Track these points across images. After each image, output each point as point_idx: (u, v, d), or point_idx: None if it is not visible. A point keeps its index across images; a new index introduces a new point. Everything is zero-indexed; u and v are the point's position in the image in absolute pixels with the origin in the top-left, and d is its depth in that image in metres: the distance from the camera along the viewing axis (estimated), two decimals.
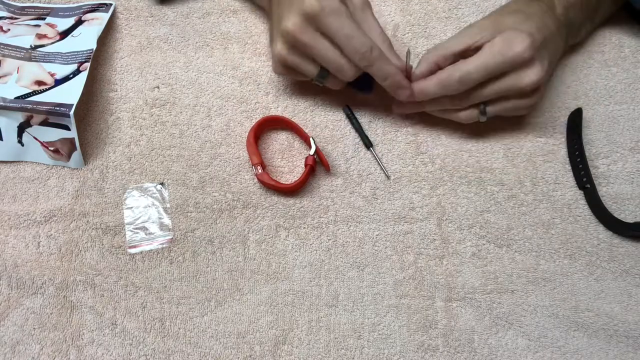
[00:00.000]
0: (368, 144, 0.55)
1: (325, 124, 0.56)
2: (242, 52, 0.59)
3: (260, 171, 0.52)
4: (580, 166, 0.54)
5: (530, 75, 0.47)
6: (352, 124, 0.56)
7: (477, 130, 0.56)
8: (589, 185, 0.53)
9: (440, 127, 0.56)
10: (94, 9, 0.59)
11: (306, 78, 0.53)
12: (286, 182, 0.54)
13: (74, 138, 0.52)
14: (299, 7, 0.46)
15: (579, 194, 0.54)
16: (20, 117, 0.52)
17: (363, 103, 0.57)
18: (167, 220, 0.53)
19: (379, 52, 0.48)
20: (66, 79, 0.54)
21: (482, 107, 0.51)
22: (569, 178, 0.54)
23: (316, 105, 0.57)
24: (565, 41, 0.54)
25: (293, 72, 0.52)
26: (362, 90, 0.56)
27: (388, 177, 0.54)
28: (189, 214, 0.53)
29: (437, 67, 0.50)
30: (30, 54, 0.56)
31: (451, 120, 0.53)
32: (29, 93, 0.53)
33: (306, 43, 0.47)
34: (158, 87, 0.57)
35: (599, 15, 0.57)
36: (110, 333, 0.50)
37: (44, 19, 0.59)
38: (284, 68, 0.51)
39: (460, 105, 0.51)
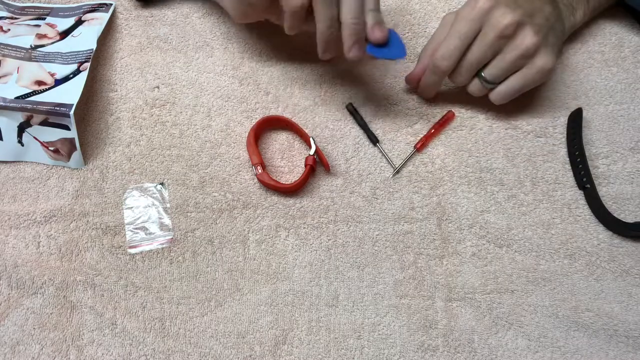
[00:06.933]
0: (374, 140, 0.55)
1: (326, 123, 0.56)
2: (242, 52, 0.59)
3: (260, 171, 0.52)
4: (580, 166, 0.54)
5: (498, 16, 0.47)
6: (357, 120, 0.56)
7: (477, 130, 0.56)
8: (589, 185, 0.53)
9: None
10: (94, 9, 0.59)
11: (268, 14, 0.51)
12: (286, 182, 0.54)
13: (74, 138, 0.52)
14: None
15: (579, 194, 0.54)
16: (20, 117, 0.52)
17: (363, 102, 0.57)
18: (167, 220, 0.53)
19: None
20: (66, 79, 0.54)
21: (480, 75, 0.51)
22: (569, 178, 0.54)
23: (316, 105, 0.57)
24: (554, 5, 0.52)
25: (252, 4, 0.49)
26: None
27: (397, 171, 0.54)
28: (189, 214, 0.53)
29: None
30: (30, 54, 0.56)
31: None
32: (29, 93, 0.53)
33: None
34: (158, 87, 0.57)
35: None
36: (110, 333, 0.50)
37: (44, 19, 0.59)
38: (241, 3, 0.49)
39: (461, 80, 0.52)
